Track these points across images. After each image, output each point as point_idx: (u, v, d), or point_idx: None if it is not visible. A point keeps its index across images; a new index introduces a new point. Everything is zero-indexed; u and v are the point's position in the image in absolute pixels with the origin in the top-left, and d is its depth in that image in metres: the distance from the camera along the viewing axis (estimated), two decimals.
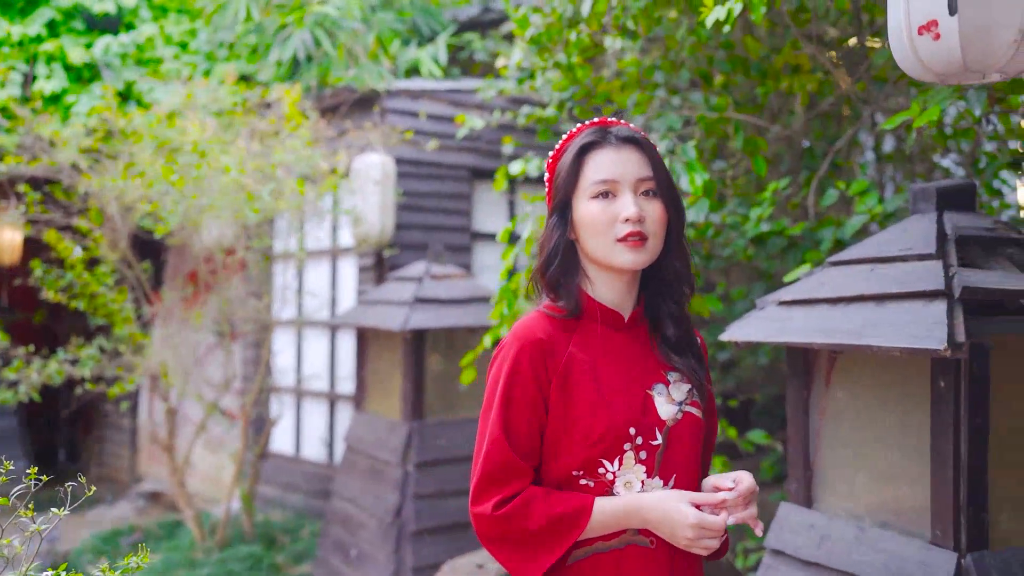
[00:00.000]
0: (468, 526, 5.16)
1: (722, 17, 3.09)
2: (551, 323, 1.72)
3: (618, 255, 1.67)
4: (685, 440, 1.71)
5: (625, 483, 1.65)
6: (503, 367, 1.67)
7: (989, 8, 1.54)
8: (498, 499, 1.63)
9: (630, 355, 1.73)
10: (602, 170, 1.68)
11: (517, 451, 1.64)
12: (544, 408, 1.66)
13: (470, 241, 6.53)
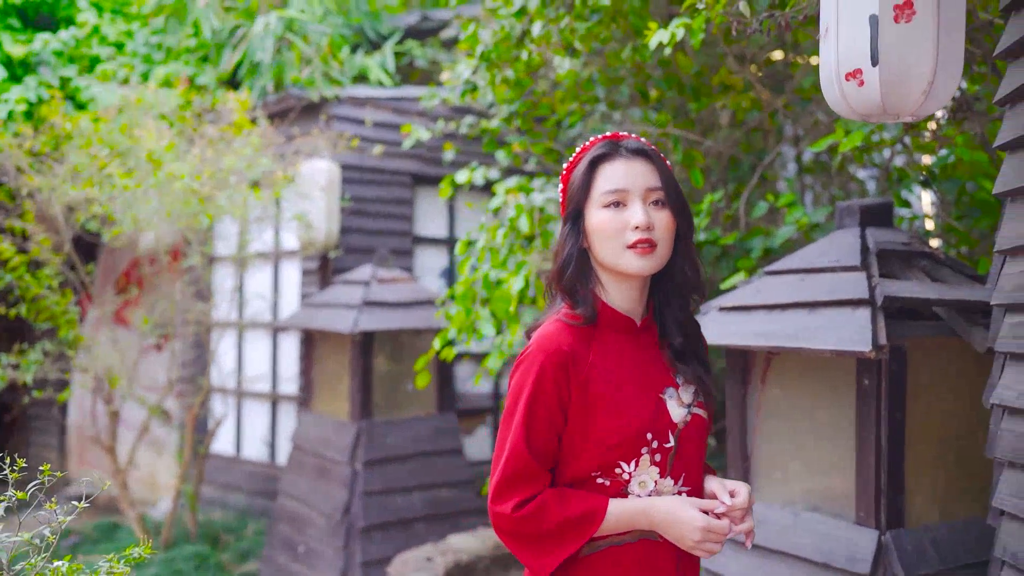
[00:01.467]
0: (415, 522, 5.35)
1: (665, 40, 3.34)
2: (571, 332, 1.76)
3: (628, 261, 1.74)
4: (693, 440, 1.80)
5: (640, 483, 1.74)
6: (527, 377, 1.73)
7: (905, 62, 1.80)
8: (517, 500, 1.71)
9: (643, 360, 1.81)
10: (612, 180, 1.75)
11: (536, 457, 1.72)
12: (564, 416, 1.73)
13: (411, 245, 6.70)
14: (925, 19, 1.77)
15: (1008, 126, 2.12)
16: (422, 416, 5.58)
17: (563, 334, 1.76)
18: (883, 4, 1.78)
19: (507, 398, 1.79)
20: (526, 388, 1.73)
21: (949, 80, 1.82)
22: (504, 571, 5.00)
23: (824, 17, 1.92)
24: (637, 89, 4.82)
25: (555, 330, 1.77)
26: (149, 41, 7.68)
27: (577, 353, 1.74)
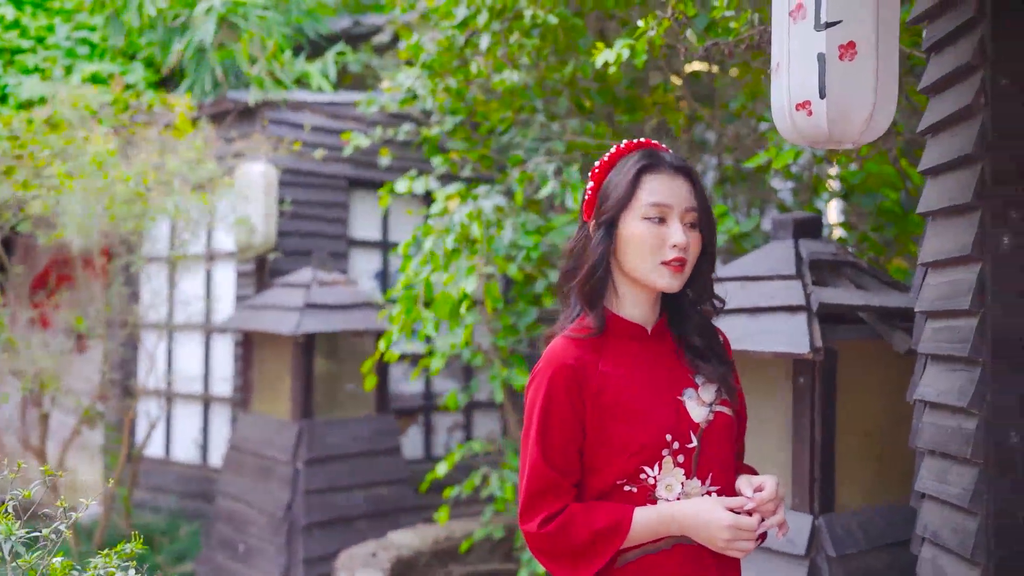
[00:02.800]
0: (356, 519, 5.46)
1: (611, 60, 3.55)
2: (578, 346, 1.77)
3: (660, 277, 1.74)
4: (719, 439, 1.78)
5: (666, 486, 1.73)
6: (538, 394, 1.75)
7: (849, 96, 2.02)
8: (543, 517, 1.71)
9: (658, 365, 1.81)
10: (658, 194, 1.74)
11: (556, 470, 1.72)
12: (581, 429, 1.73)
13: (347, 248, 6.79)
14: (866, 58, 2.00)
15: (929, 153, 2.38)
16: (361, 416, 5.69)
17: (569, 348, 1.76)
18: (829, 44, 2.00)
19: (524, 417, 1.82)
20: (537, 404, 1.74)
21: (886, 112, 2.06)
22: (443, 566, 5.15)
23: (775, 54, 2.13)
24: (573, 101, 5.04)
25: (561, 345, 1.77)
26: (72, 36, 7.57)
27: (586, 365, 1.74)
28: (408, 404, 6.96)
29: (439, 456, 6.97)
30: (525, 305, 4.99)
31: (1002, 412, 2.03)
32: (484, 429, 7.34)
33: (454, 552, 5.18)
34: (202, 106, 6.60)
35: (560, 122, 4.92)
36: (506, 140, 5.74)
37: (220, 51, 6.60)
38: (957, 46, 2.20)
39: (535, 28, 4.38)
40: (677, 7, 2.94)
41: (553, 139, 4.77)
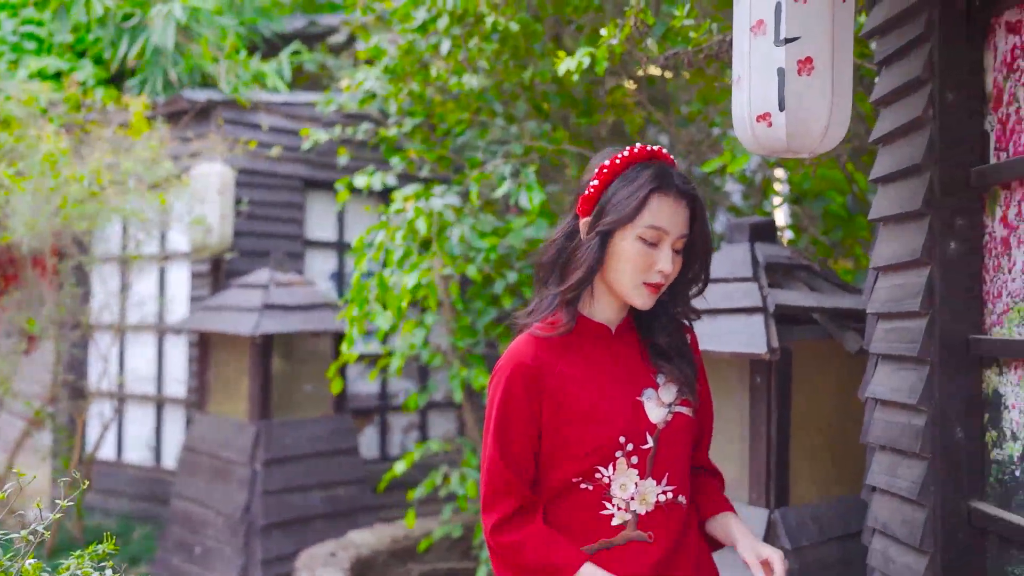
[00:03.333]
0: (314, 519, 5.47)
1: (573, 68, 3.62)
2: (540, 345, 1.78)
3: (638, 296, 1.75)
4: (677, 440, 1.79)
5: (620, 485, 1.74)
6: (497, 392, 1.76)
7: (806, 109, 2.11)
8: (498, 517, 1.75)
9: (619, 364, 1.81)
10: (660, 218, 1.72)
11: (512, 470, 1.74)
12: (537, 428, 1.75)
13: (302, 248, 6.78)
14: (823, 72, 2.09)
15: (880, 162, 2.49)
16: (319, 417, 5.70)
17: (529, 346, 1.77)
18: (788, 59, 2.09)
19: (485, 413, 1.83)
20: (496, 402, 1.76)
21: (841, 123, 2.15)
22: (401, 564, 5.19)
23: (736, 67, 2.22)
24: (531, 104, 5.11)
25: (522, 343, 1.79)
26: (18, 30, 7.45)
27: (545, 365, 1.75)
28: (364, 404, 6.98)
29: (395, 456, 7.00)
30: (484, 306, 5.05)
31: (949, 409, 2.14)
32: (439, 429, 7.39)
33: (413, 551, 5.22)
34: (157, 105, 6.54)
35: (518, 125, 4.99)
36: (463, 141, 5.79)
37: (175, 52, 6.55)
38: (907, 60, 2.31)
39: (494, 33, 4.44)
40: (638, 16, 3.02)
41: (511, 142, 4.83)
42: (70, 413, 6.53)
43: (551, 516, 1.79)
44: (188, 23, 6.52)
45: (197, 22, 6.58)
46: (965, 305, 2.15)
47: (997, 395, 2.09)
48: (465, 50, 4.48)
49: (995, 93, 2.11)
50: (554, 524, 1.78)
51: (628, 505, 1.75)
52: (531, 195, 4.36)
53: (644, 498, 1.75)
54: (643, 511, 1.75)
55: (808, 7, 2.05)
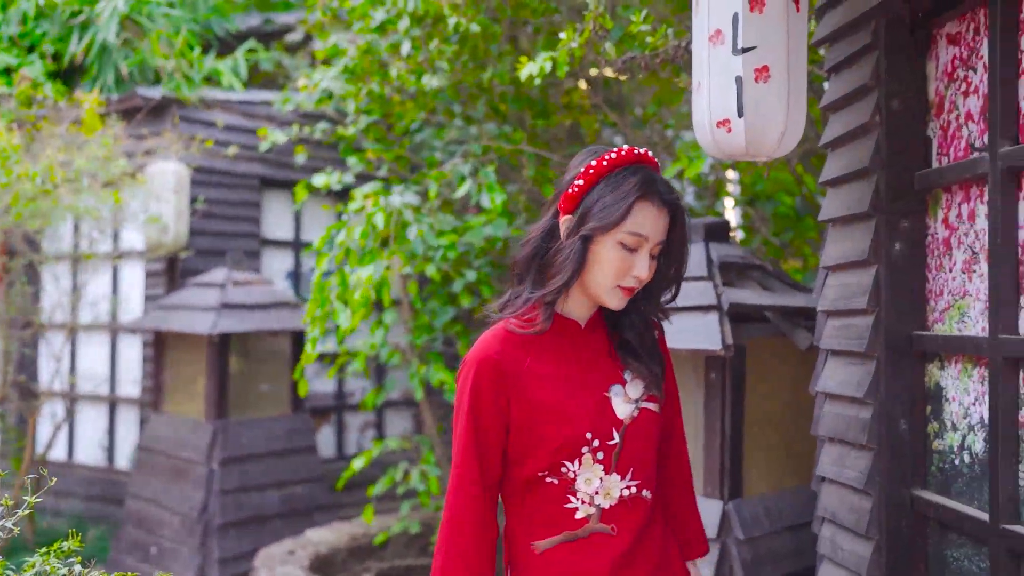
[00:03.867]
0: (271, 518, 5.48)
1: (535, 72, 3.69)
2: (508, 339, 1.79)
3: (612, 297, 1.77)
4: (642, 435, 1.81)
5: (585, 480, 1.75)
6: (465, 386, 1.77)
7: (763, 115, 2.20)
8: (447, 512, 1.78)
9: (587, 359, 1.82)
10: (642, 225, 1.72)
11: (476, 468, 1.76)
12: (504, 423, 1.76)
13: (259, 247, 6.77)
14: (779, 80, 2.19)
15: (829, 166, 2.59)
16: (276, 416, 5.71)
17: (497, 341, 1.78)
18: (746, 67, 2.18)
19: (454, 408, 1.84)
20: (464, 396, 1.77)
21: (796, 128, 2.25)
22: (360, 562, 5.22)
23: (696, 74, 2.31)
24: (489, 105, 5.17)
25: (490, 336, 1.80)
26: None
27: (511, 359, 1.76)
28: (321, 403, 6.99)
29: (352, 455, 7.01)
30: (442, 304, 5.10)
31: (893, 402, 2.25)
32: (396, 428, 7.42)
33: (371, 548, 5.25)
34: (110, 102, 6.49)
35: (476, 125, 5.05)
36: (421, 140, 5.84)
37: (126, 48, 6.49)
38: (855, 69, 2.41)
39: (455, 34, 4.50)
40: (597, 20, 3.10)
41: (469, 142, 4.89)
42: (21, 413, 6.44)
43: (516, 509, 1.81)
44: (138, 19, 6.46)
45: (145, 17, 6.52)
46: (909, 303, 2.26)
47: (939, 388, 2.20)
48: (426, 51, 4.53)
49: (937, 101, 2.23)
50: (519, 516, 1.80)
51: (592, 499, 1.76)
52: (492, 195, 4.43)
53: (608, 492, 1.76)
54: (607, 505, 1.76)
55: (764, 18, 2.14)
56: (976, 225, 2.06)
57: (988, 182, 1.95)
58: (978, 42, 2.06)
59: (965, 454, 2.09)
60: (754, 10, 2.14)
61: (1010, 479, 1.88)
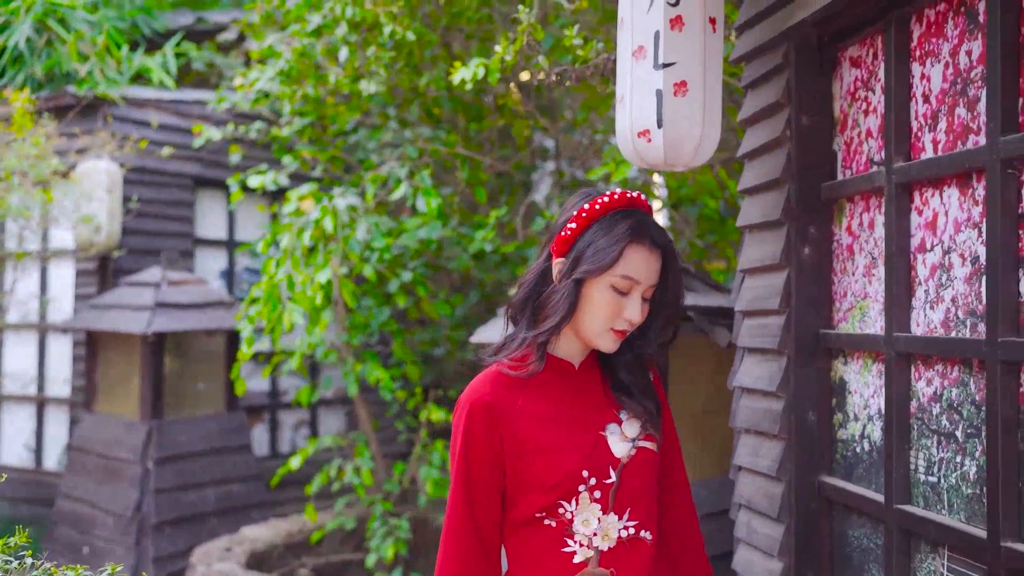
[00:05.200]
0: (207, 516, 5.50)
1: (468, 78, 3.82)
2: (500, 380, 1.78)
3: (604, 340, 1.77)
4: (640, 475, 1.78)
5: (583, 520, 1.72)
6: (458, 431, 1.76)
7: (681, 127, 2.36)
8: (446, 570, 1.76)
9: (582, 399, 1.81)
10: (633, 268, 1.73)
11: (473, 522, 1.74)
12: (501, 466, 1.75)
13: (193, 247, 6.76)
14: (696, 94, 2.35)
15: (746, 176, 2.77)
16: (212, 414, 5.73)
17: (489, 383, 1.78)
18: (665, 81, 2.33)
19: (450, 453, 1.82)
20: (458, 443, 1.76)
21: (711, 140, 2.41)
22: (296, 558, 5.28)
23: (620, 87, 2.46)
24: (424, 109, 5.29)
25: (482, 379, 1.79)
26: None
27: (503, 400, 1.76)
28: (255, 402, 7.01)
29: (286, 453, 7.05)
30: (378, 304, 5.20)
31: (802, 395, 2.43)
32: (330, 426, 7.47)
33: (307, 544, 5.32)
34: (40, 100, 6.41)
35: (412, 129, 5.15)
36: (356, 141, 5.92)
37: (48, 48, 6.41)
38: (768, 86, 2.59)
39: (390, 40, 4.60)
40: (530, 34, 3.24)
41: (404, 144, 5.00)
42: None
43: (514, 552, 1.79)
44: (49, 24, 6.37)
45: (56, 21, 6.44)
46: (816, 304, 2.44)
47: (843, 382, 2.39)
48: (362, 57, 4.62)
49: (841, 118, 2.41)
50: (517, 560, 1.78)
51: (591, 541, 1.73)
52: (428, 199, 4.54)
53: (606, 534, 1.73)
54: (605, 547, 1.73)
55: (683, 35, 2.30)
56: (875, 233, 2.25)
57: (884, 194, 2.14)
58: (876, 65, 2.25)
59: (865, 442, 2.27)
60: (674, 28, 2.30)
61: (902, 464, 2.07)
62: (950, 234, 1.95)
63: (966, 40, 1.92)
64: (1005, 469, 1.71)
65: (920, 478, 2.03)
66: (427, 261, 5.02)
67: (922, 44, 2.07)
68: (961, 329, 1.91)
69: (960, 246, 1.92)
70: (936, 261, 2.00)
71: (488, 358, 1.84)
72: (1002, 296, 1.74)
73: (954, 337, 1.92)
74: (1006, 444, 1.72)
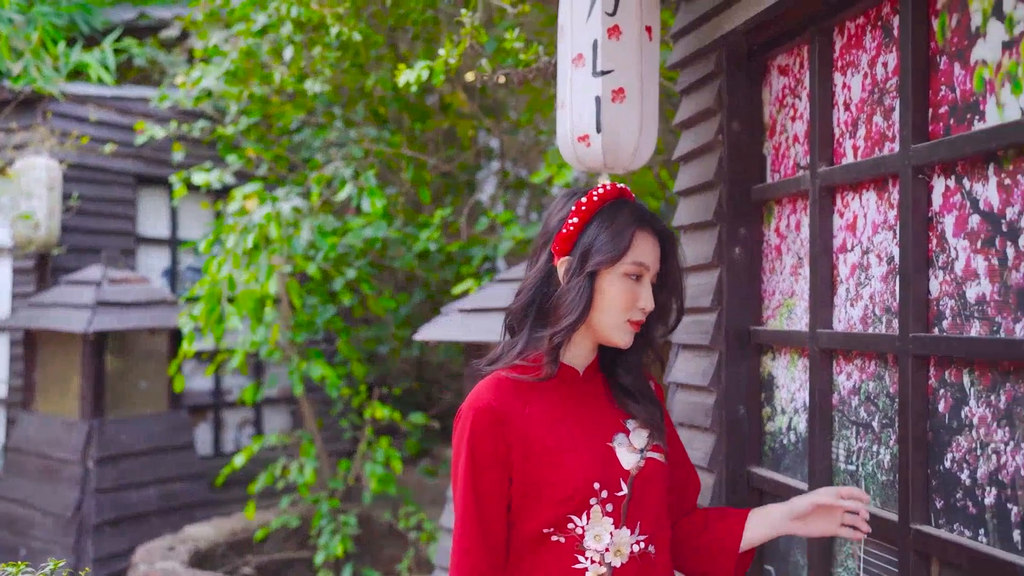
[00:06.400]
0: (149, 515, 5.47)
1: (412, 80, 3.86)
2: (504, 386, 1.71)
3: (622, 334, 1.73)
4: (651, 487, 1.72)
5: (595, 536, 1.65)
6: (463, 441, 1.67)
7: (619, 132, 2.46)
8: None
9: (588, 409, 1.75)
10: (644, 254, 1.72)
11: (481, 526, 1.66)
12: (508, 473, 1.66)
13: (135, 245, 6.70)
14: (632, 101, 2.44)
15: (681, 178, 2.87)
16: (154, 413, 5.70)
17: (494, 390, 1.69)
18: (604, 88, 2.42)
19: (452, 466, 1.74)
20: (463, 454, 1.68)
21: (648, 144, 2.51)
22: (240, 556, 5.28)
23: (560, 93, 2.54)
24: (370, 109, 5.32)
25: (485, 385, 1.71)
26: None
27: (509, 407, 1.68)
28: (199, 401, 6.97)
29: (230, 452, 7.02)
30: (323, 302, 5.22)
31: (733, 390, 2.53)
32: (274, 424, 7.45)
33: (251, 543, 5.32)
34: None
35: (357, 129, 5.19)
36: (301, 140, 5.93)
37: None
38: (702, 93, 2.69)
39: (336, 41, 4.63)
40: (473, 37, 3.31)
41: (349, 144, 5.04)
42: None
43: (518, 573, 1.70)
44: None
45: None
46: (747, 301, 2.55)
47: (771, 377, 2.49)
48: (308, 57, 4.65)
49: (771, 124, 2.52)
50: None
51: (603, 558, 1.65)
52: (373, 199, 4.59)
53: (619, 549, 1.66)
54: (618, 563, 1.66)
55: (621, 44, 2.39)
56: (801, 234, 2.36)
57: (809, 197, 2.25)
58: (802, 74, 2.36)
59: (791, 434, 2.39)
60: (612, 37, 2.39)
61: (824, 454, 2.18)
62: (868, 235, 2.07)
63: (882, 52, 2.03)
64: (915, 456, 1.83)
65: (841, 467, 2.14)
66: (372, 260, 5.07)
67: (843, 55, 2.18)
68: (878, 325, 2.02)
69: (877, 247, 2.03)
70: (856, 261, 2.11)
71: (485, 367, 1.77)
72: (913, 294, 1.85)
73: (871, 333, 2.03)
74: (916, 433, 1.83)
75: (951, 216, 1.80)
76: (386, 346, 6.01)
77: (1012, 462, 1.62)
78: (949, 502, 1.77)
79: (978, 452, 1.70)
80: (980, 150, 1.68)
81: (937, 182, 1.83)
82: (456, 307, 3.64)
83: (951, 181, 1.79)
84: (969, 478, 1.72)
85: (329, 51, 4.58)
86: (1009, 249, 1.64)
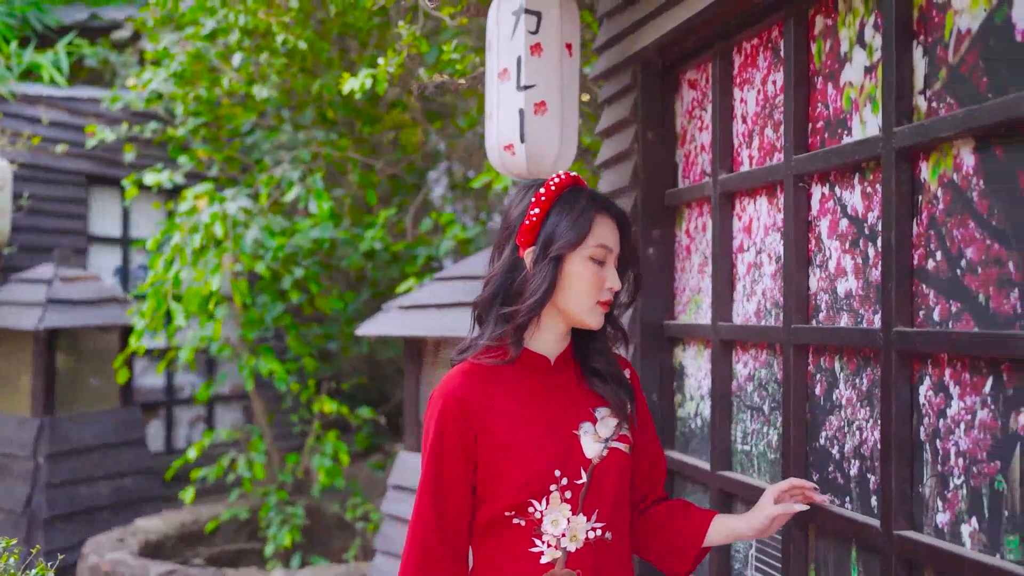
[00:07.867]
0: (101, 510, 5.57)
1: (356, 87, 4.03)
2: (473, 373, 1.76)
3: (593, 316, 1.77)
4: (610, 476, 1.76)
5: (552, 521, 1.71)
6: (430, 425, 1.74)
7: (541, 142, 2.65)
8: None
9: (556, 397, 1.80)
10: (604, 236, 1.76)
11: (438, 509, 1.72)
12: (473, 460, 1.72)
13: (87, 244, 6.77)
14: (553, 113, 2.63)
15: (603, 182, 3.05)
16: (106, 410, 5.79)
17: (462, 376, 1.75)
18: (527, 101, 2.61)
19: (422, 450, 1.81)
20: (430, 438, 1.74)
21: (569, 151, 2.70)
22: (190, 548, 5.40)
23: (488, 104, 2.73)
24: (318, 112, 5.47)
25: (455, 372, 1.77)
26: None
27: (476, 394, 1.73)
28: (151, 398, 7.06)
29: (181, 448, 7.12)
30: (272, 300, 5.36)
31: (648, 379, 2.74)
32: (226, 421, 7.55)
33: (201, 535, 5.44)
34: None
35: (305, 132, 5.33)
36: (251, 142, 6.05)
37: None
38: (620, 104, 2.90)
39: (283, 47, 4.77)
40: (411, 49, 3.49)
41: (298, 147, 5.18)
42: None
43: (480, 551, 1.77)
44: None
45: None
46: (660, 297, 2.76)
47: (681, 367, 2.71)
48: (256, 63, 4.79)
49: (682, 133, 2.73)
50: (482, 560, 1.76)
51: (559, 542, 1.71)
52: (320, 201, 4.74)
53: (575, 535, 1.72)
54: (573, 548, 1.72)
55: (542, 60, 2.59)
56: (707, 235, 2.57)
57: (712, 201, 2.46)
58: (708, 88, 2.57)
59: (698, 419, 2.60)
60: (534, 54, 2.58)
61: (724, 436, 2.39)
62: (761, 237, 2.28)
63: (772, 71, 2.25)
64: (796, 435, 2.04)
65: (738, 448, 2.36)
66: (320, 260, 5.22)
67: (741, 72, 2.39)
68: (768, 318, 2.23)
69: (768, 247, 2.25)
70: (751, 260, 2.33)
71: (455, 357, 1.83)
72: (795, 289, 2.07)
73: (762, 325, 2.24)
74: (797, 415, 2.05)
75: (826, 220, 2.01)
76: (336, 343, 6.16)
77: (871, 437, 1.84)
78: (823, 474, 1.99)
79: (845, 429, 1.92)
80: (847, 161, 1.90)
81: (816, 189, 2.05)
82: (396, 304, 3.82)
83: (826, 188, 2.01)
84: (838, 452, 1.94)
85: (277, 57, 4.72)
86: (870, 249, 1.86)
